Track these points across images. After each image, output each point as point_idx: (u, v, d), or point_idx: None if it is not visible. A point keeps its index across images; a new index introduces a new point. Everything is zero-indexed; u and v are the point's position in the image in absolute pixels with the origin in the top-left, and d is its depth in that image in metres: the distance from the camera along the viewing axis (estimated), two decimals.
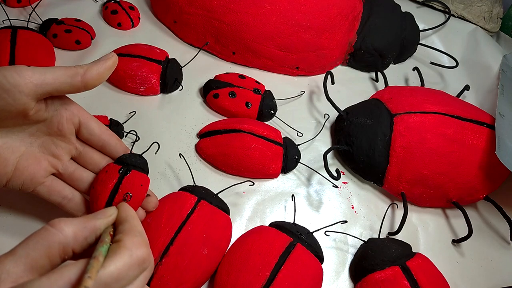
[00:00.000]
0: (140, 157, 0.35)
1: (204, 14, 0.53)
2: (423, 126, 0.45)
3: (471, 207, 0.48)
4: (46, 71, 0.28)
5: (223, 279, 0.35)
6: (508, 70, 0.59)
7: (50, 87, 0.28)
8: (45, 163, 0.32)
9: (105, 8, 0.57)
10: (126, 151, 0.35)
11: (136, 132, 0.44)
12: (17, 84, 0.27)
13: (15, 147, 0.31)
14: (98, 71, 0.30)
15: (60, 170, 0.33)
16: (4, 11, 0.51)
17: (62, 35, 0.50)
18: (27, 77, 0.27)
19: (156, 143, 0.41)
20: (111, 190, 0.32)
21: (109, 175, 0.33)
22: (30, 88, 0.27)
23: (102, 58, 0.31)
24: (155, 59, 0.49)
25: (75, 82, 0.29)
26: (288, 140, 0.47)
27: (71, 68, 0.29)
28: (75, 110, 0.32)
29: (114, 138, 0.35)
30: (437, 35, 0.66)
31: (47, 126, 0.31)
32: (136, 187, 0.33)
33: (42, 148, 0.32)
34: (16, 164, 0.30)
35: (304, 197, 0.45)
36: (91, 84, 0.30)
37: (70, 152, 0.33)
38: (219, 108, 0.49)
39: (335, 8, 0.54)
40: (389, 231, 0.44)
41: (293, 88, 0.55)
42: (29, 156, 0.31)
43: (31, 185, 0.32)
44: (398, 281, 0.36)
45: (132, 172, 0.33)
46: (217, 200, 0.40)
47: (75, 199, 0.34)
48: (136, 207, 0.33)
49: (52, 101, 0.31)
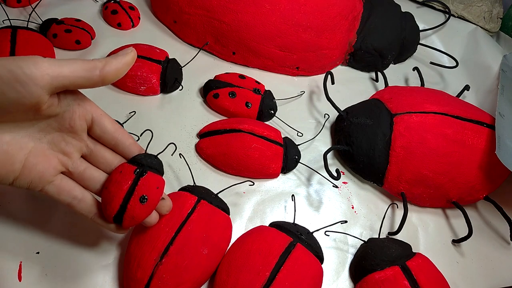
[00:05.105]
0: (155, 158, 0.33)
1: (204, 14, 0.53)
2: (423, 126, 0.45)
3: (471, 207, 0.48)
4: (63, 63, 0.27)
5: (223, 279, 0.35)
6: (508, 70, 0.59)
7: (67, 81, 0.27)
8: (55, 161, 0.30)
9: (105, 8, 0.57)
10: (141, 151, 0.33)
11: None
12: (34, 76, 0.25)
13: (23, 143, 0.29)
14: (117, 66, 0.29)
15: (70, 168, 0.31)
16: (4, 11, 0.51)
17: (62, 35, 0.50)
18: (43, 68, 0.25)
19: (173, 144, 0.40)
20: (126, 192, 0.31)
21: (123, 175, 0.31)
22: (46, 80, 0.26)
23: (121, 52, 0.30)
24: (155, 59, 0.49)
25: (92, 77, 0.28)
26: (288, 140, 0.47)
27: (89, 61, 0.28)
28: (88, 106, 0.31)
29: (128, 137, 0.33)
30: (437, 35, 0.66)
31: (58, 122, 0.30)
32: (152, 189, 0.31)
33: (52, 144, 0.30)
34: (24, 162, 0.29)
35: (304, 197, 0.45)
36: (109, 79, 0.29)
37: (80, 150, 0.32)
38: (219, 108, 0.49)
39: (335, 8, 0.54)
40: (389, 231, 0.44)
41: (293, 88, 0.55)
42: (38, 153, 0.29)
43: (40, 184, 0.30)
44: (398, 281, 0.36)
45: (148, 173, 0.32)
46: (217, 200, 0.40)
47: (86, 200, 0.32)
48: (150, 210, 0.32)
49: (65, 96, 0.29)
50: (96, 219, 0.32)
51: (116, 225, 0.32)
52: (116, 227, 0.32)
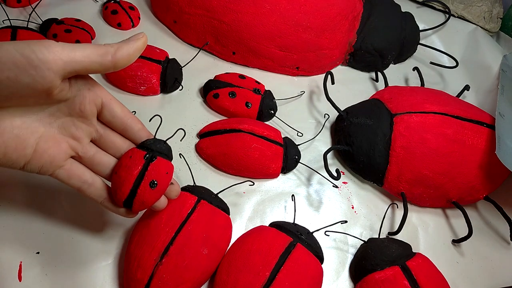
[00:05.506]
0: (165, 143, 0.34)
1: (204, 14, 0.53)
2: (423, 126, 0.45)
3: (471, 207, 0.48)
4: (76, 48, 0.27)
5: (223, 279, 0.35)
6: (508, 70, 0.59)
7: (79, 65, 0.27)
8: (65, 145, 0.30)
9: (105, 8, 0.57)
10: (150, 136, 0.33)
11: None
12: (46, 60, 0.25)
13: (34, 127, 0.29)
14: (129, 52, 0.29)
15: (79, 153, 0.31)
16: (4, 11, 0.51)
17: (62, 35, 0.50)
18: (56, 53, 0.25)
19: (181, 129, 0.39)
20: (136, 176, 0.31)
21: (133, 160, 0.31)
22: (59, 65, 0.26)
23: (132, 38, 0.30)
24: (155, 59, 0.49)
25: (105, 62, 0.28)
26: (288, 140, 0.47)
27: (102, 46, 0.28)
28: (98, 91, 0.31)
29: (138, 122, 0.33)
30: (437, 35, 0.66)
31: (69, 107, 0.30)
32: (162, 174, 0.32)
33: (62, 129, 0.30)
34: (36, 146, 0.29)
35: (304, 197, 0.45)
36: (120, 64, 0.29)
37: (90, 135, 0.32)
38: (219, 108, 0.49)
39: (335, 8, 0.54)
40: (389, 231, 0.44)
41: (293, 88, 0.55)
42: (48, 137, 0.29)
43: (50, 169, 0.30)
44: (398, 281, 0.36)
45: (158, 159, 0.32)
46: (217, 200, 0.40)
47: (96, 184, 0.32)
48: (160, 195, 0.32)
49: (76, 81, 0.29)
50: (106, 203, 0.32)
51: (126, 209, 0.32)
52: (126, 212, 0.33)
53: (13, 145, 0.28)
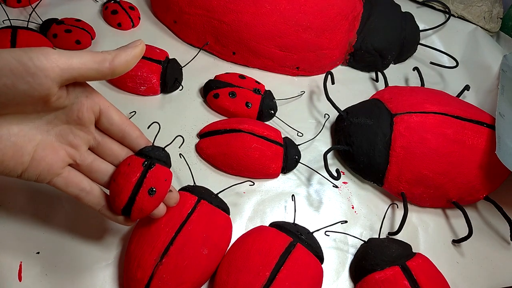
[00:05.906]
0: (163, 150, 0.34)
1: (204, 14, 0.53)
2: (423, 126, 0.45)
3: (471, 207, 0.48)
4: (73, 55, 0.26)
5: (223, 279, 0.35)
6: (508, 70, 0.59)
7: (76, 73, 0.27)
8: (63, 153, 0.30)
9: (105, 8, 0.57)
10: (148, 143, 0.33)
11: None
12: (44, 68, 0.25)
13: (32, 135, 0.29)
14: (127, 59, 0.29)
15: (77, 161, 0.31)
16: (4, 11, 0.51)
17: (62, 35, 0.50)
18: (53, 60, 0.25)
19: (180, 136, 0.39)
20: (135, 184, 0.31)
21: (132, 168, 0.31)
22: (56, 72, 0.26)
23: (130, 45, 0.30)
24: (155, 59, 0.49)
25: (102, 69, 0.28)
26: (288, 140, 0.47)
27: (99, 53, 0.28)
28: (96, 98, 0.31)
29: (136, 129, 0.33)
30: (437, 35, 0.66)
31: (66, 114, 0.30)
32: (160, 181, 0.32)
33: (59, 137, 0.30)
34: (33, 154, 0.29)
35: (304, 197, 0.45)
36: (118, 71, 0.29)
37: (88, 142, 0.32)
38: (219, 108, 0.49)
39: (335, 8, 0.54)
40: (389, 231, 0.44)
41: (293, 88, 0.55)
42: (46, 145, 0.29)
43: (48, 176, 0.30)
44: (398, 281, 0.36)
45: (156, 166, 0.32)
46: (217, 200, 0.40)
47: (94, 192, 0.32)
48: (158, 202, 0.32)
49: (74, 88, 0.29)
50: (104, 211, 0.32)
51: (125, 217, 0.32)
52: (124, 219, 0.32)
53: (10, 153, 0.28)
